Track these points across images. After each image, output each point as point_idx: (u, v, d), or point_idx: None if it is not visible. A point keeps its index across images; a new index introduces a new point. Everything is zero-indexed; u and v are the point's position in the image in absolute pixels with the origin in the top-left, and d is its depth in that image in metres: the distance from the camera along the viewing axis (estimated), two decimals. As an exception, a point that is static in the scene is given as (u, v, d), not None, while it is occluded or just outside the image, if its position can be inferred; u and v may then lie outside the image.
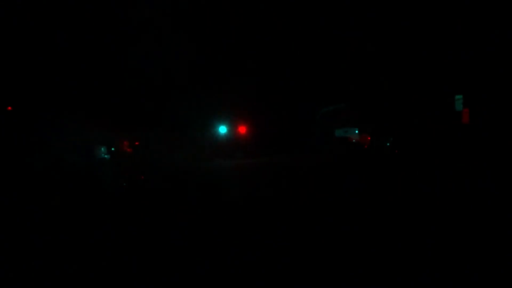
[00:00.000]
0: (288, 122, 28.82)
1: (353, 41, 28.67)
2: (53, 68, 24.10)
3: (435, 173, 13.20)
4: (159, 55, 23.76)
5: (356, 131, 29.06)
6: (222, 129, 28.96)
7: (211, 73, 26.08)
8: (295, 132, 27.85)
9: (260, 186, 12.12)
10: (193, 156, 21.57)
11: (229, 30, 26.49)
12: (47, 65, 23.70)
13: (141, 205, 9.15)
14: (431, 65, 25.90)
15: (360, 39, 28.46)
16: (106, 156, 27.32)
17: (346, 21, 28.32)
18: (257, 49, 28.46)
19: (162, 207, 8.78)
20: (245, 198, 9.96)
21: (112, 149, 27.79)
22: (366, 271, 4.35)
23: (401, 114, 27.26)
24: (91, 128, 23.64)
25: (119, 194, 10.77)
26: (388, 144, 26.29)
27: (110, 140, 27.12)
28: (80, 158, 23.95)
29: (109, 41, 23.10)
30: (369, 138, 25.94)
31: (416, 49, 26.95)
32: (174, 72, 24.53)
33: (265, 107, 27.44)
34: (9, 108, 21.79)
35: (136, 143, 27.92)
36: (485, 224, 6.31)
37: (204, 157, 22.69)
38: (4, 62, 21.76)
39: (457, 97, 24.14)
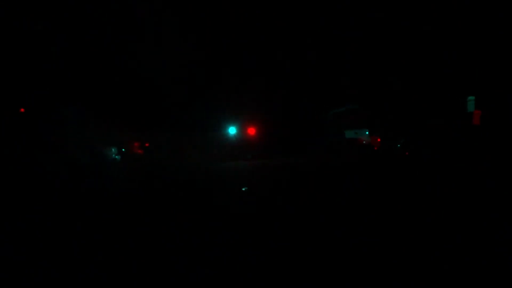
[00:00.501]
0: (298, 123, 28.86)
1: (365, 42, 28.60)
2: (65, 69, 24.56)
3: (445, 175, 13.15)
4: (170, 58, 24.06)
5: (367, 133, 29.00)
6: (232, 130, 29.10)
7: (221, 75, 26.28)
8: (305, 133, 27.86)
9: (265, 187, 12.23)
10: (202, 157, 21.74)
11: (240, 32, 26.69)
12: (60, 67, 24.16)
13: (146, 205, 9.29)
14: (443, 66, 25.73)
15: (372, 40, 28.38)
16: (117, 157, 27.67)
17: (358, 22, 28.27)
18: (268, 51, 28.58)
19: (167, 208, 8.92)
20: (248, 200, 10.09)
21: (123, 150, 28.13)
22: (367, 272, 4.43)
23: (413, 115, 27.10)
24: (102, 129, 23.97)
25: (126, 195, 10.92)
26: (399, 145, 26.15)
27: (120, 141, 27.46)
28: (90, 159, 24.33)
29: (120, 45, 23.48)
30: (379, 139, 25.79)
31: (429, 50, 26.78)
32: (183, 74, 24.83)
33: (275, 108, 27.52)
34: (22, 110, 22.27)
35: (147, 144, 28.24)
36: (491, 226, 6.31)
37: (213, 159, 22.83)
38: (17, 65, 22.25)
39: (470, 98, 23.93)
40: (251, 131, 26.68)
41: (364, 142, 26.98)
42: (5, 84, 21.25)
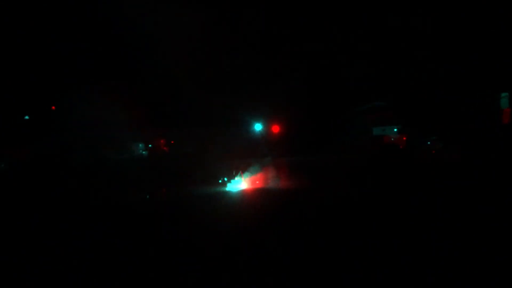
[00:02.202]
0: (323, 121, 29.00)
1: (394, 37, 28.42)
2: (94, 68, 25.66)
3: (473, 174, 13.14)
4: (198, 56, 24.70)
5: (395, 130, 28.84)
6: (258, 127, 29.57)
7: (247, 73, 26.72)
8: (330, 131, 27.94)
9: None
10: (225, 155, 22.29)
11: (266, 30, 27.05)
12: (90, 67, 25.26)
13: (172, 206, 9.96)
14: (476, 61, 25.36)
15: (401, 36, 28.18)
16: (143, 152, 28.80)
17: (386, 18, 28.11)
18: (294, 47, 28.84)
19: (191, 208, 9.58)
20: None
21: (150, 145, 29.22)
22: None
23: (444, 111, 26.74)
24: (130, 125, 24.78)
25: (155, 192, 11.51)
26: (428, 143, 25.88)
27: (147, 137, 28.53)
28: (119, 155, 25.40)
29: (147, 44, 24.27)
30: (404, 138, 25.62)
31: (461, 45, 26.41)
32: (209, 73, 25.50)
33: (300, 106, 27.72)
34: (53, 107, 23.54)
35: (172, 141, 29.19)
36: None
37: (237, 156, 23.32)
38: (50, 66, 23.50)
39: (503, 94, 23.60)
40: (275, 129, 27.06)
41: (392, 139, 26.84)
42: (39, 84, 22.50)
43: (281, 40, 28.50)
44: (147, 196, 10.97)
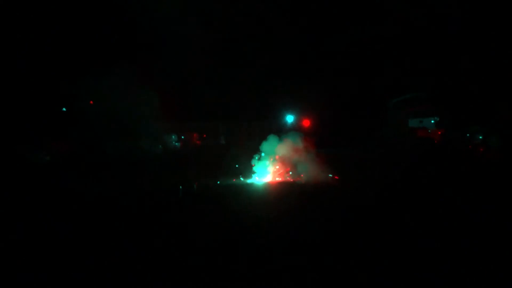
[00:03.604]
0: (357, 113, 29.01)
1: (430, 24, 28.05)
2: (129, 56, 26.75)
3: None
4: (230, 50, 25.34)
5: (432, 121, 28.50)
6: (290, 118, 30.02)
7: (279, 64, 27.11)
8: (365, 123, 27.88)
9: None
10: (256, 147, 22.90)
11: (300, 22, 27.33)
12: (125, 54, 26.35)
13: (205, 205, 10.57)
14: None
15: (438, 22, 27.79)
16: (176, 144, 29.78)
17: (424, 4, 27.76)
18: (328, 38, 29.02)
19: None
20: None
21: (182, 137, 30.17)
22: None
23: (485, 103, 26.20)
24: (164, 116, 25.69)
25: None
26: (468, 135, 25.41)
27: (180, 129, 29.46)
28: (152, 147, 26.41)
29: (182, 35, 24.97)
30: (439, 132, 25.24)
31: (503, 32, 25.84)
32: (242, 65, 26.16)
33: (333, 97, 27.87)
34: (91, 102, 24.84)
35: (204, 135, 30.07)
36: None
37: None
38: (88, 61, 24.73)
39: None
40: (306, 122, 27.34)
41: (429, 131, 26.50)
42: (77, 78, 23.75)
43: (317, 32, 28.74)
44: (180, 187, 11.63)
